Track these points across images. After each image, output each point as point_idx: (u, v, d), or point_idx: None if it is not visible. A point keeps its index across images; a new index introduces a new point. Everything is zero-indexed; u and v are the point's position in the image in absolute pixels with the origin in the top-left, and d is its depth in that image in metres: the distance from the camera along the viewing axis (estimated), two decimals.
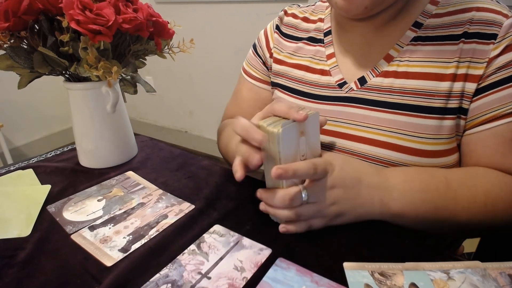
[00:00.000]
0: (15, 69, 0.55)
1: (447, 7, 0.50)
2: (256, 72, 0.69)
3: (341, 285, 0.36)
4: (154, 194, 0.55)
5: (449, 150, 0.49)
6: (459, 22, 0.48)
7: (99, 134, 0.62)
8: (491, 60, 0.46)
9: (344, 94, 0.55)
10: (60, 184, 0.58)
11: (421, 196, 0.44)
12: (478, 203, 0.44)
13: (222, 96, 2.07)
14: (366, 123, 0.52)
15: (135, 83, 0.67)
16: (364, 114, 0.52)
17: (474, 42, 0.47)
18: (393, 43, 0.52)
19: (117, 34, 0.56)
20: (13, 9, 0.49)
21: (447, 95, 0.48)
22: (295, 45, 0.63)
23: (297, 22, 0.64)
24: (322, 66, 0.58)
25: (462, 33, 0.48)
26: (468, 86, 0.47)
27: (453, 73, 0.47)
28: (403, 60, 0.51)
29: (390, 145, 0.50)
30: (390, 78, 0.51)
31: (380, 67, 0.52)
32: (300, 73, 0.61)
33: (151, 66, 1.43)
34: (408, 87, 0.50)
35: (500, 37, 0.45)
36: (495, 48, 0.45)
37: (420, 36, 0.50)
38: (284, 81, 0.63)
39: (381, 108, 0.51)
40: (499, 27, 0.46)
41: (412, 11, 0.52)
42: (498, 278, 0.36)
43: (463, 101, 0.48)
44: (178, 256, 0.41)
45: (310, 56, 0.60)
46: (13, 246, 0.44)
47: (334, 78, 0.56)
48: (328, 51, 0.59)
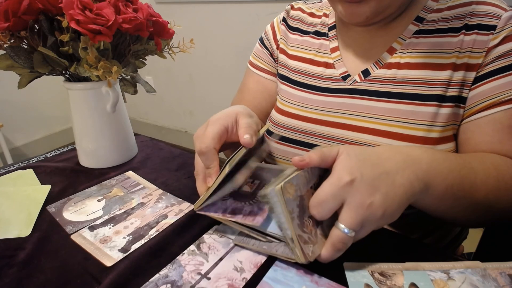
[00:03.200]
0: (15, 69, 0.55)
1: (447, 2, 0.52)
2: (263, 63, 0.69)
3: (341, 285, 0.36)
4: (154, 194, 0.55)
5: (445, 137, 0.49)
6: (459, 16, 0.50)
7: (99, 134, 0.62)
8: (490, 49, 0.47)
9: (347, 86, 0.55)
10: (60, 184, 0.58)
11: (446, 164, 0.41)
12: (491, 178, 0.43)
13: (222, 96, 2.07)
14: (369, 114, 0.53)
15: (135, 83, 0.67)
16: (367, 104, 0.53)
17: (475, 33, 0.48)
18: (396, 37, 0.53)
19: (117, 34, 0.56)
20: (13, 9, 0.49)
21: (447, 83, 0.49)
22: (301, 38, 0.64)
23: (304, 16, 0.65)
24: (326, 59, 0.59)
25: (463, 26, 0.49)
26: (468, 75, 0.48)
27: (453, 62, 0.49)
28: (405, 52, 0.52)
29: (392, 134, 0.50)
30: (393, 69, 0.52)
31: (384, 59, 0.53)
32: (304, 66, 0.61)
33: (151, 66, 1.43)
34: (410, 77, 0.51)
35: (499, 28, 0.47)
36: (494, 38, 0.47)
37: (422, 30, 0.52)
38: (289, 73, 0.63)
39: (384, 98, 0.52)
40: (498, 19, 0.47)
41: (413, 7, 0.53)
42: (498, 278, 0.36)
43: (463, 90, 0.49)
44: (177, 257, 0.41)
45: (315, 50, 0.61)
46: (13, 246, 0.44)
47: (338, 71, 0.57)
48: (332, 44, 0.60)
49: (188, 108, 2.32)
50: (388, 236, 0.44)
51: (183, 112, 2.36)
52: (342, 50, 0.59)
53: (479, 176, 0.43)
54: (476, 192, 0.42)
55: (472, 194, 0.42)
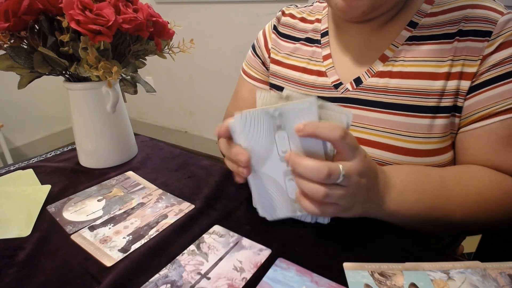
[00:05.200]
0: (15, 69, 0.55)
1: (442, 6, 0.50)
2: (255, 72, 0.69)
3: (341, 285, 0.36)
4: (154, 194, 0.55)
5: (442, 149, 0.49)
6: (454, 20, 0.48)
7: (99, 134, 0.62)
8: (485, 57, 0.46)
9: (339, 95, 0.55)
10: (60, 184, 0.58)
11: (415, 196, 0.44)
12: (470, 203, 0.44)
13: (222, 96, 2.07)
14: (361, 123, 0.52)
15: (135, 83, 0.67)
16: (359, 114, 0.52)
17: (469, 40, 0.47)
18: (389, 43, 0.52)
19: (117, 34, 0.56)
20: (13, 9, 0.49)
21: (441, 93, 0.48)
22: (292, 46, 0.63)
23: (295, 22, 0.64)
24: (318, 67, 0.59)
25: (457, 31, 0.48)
26: (462, 84, 0.47)
27: (447, 71, 0.47)
28: (398, 60, 0.51)
29: (384, 145, 0.50)
30: (385, 78, 0.51)
31: (375, 67, 0.52)
32: (297, 75, 0.61)
33: (151, 66, 1.43)
34: (403, 87, 0.50)
35: (494, 34, 0.45)
36: (489, 45, 0.45)
37: (415, 36, 0.51)
38: (282, 82, 0.63)
39: (376, 108, 0.51)
40: (493, 24, 0.45)
41: (407, 10, 0.52)
42: (498, 278, 0.36)
43: (458, 99, 0.48)
44: (177, 257, 0.41)
45: (308, 58, 0.60)
46: (13, 246, 0.44)
47: (330, 79, 0.57)
48: (324, 52, 0.59)
49: (188, 108, 2.32)
50: (388, 236, 0.44)
51: (183, 112, 2.36)
52: (335, 56, 0.58)
53: (454, 203, 0.44)
54: (450, 216, 0.44)
55: (445, 218, 0.44)
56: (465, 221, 0.45)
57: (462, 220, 0.45)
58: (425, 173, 0.46)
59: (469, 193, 0.45)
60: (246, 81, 0.70)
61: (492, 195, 0.45)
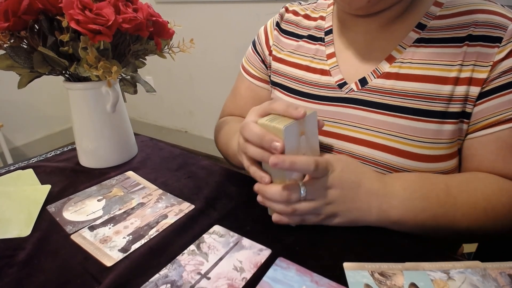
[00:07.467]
0: (15, 69, 0.55)
1: (451, 9, 0.49)
2: (254, 70, 0.69)
3: (341, 285, 0.36)
4: (154, 194, 0.55)
5: (449, 155, 0.48)
6: (463, 24, 0.48)
7: (99, 134, 0.62)
8: (496, 64, 0.45)
9: (344, 95, 0.54)
10: (60, 184, 0.58)
11: (421, 204, 0.44)
12: (478, 210, 0.44)
13: (222, 96, 2.05)
14: (366, 125, 0.51)
15: (135, 83, 0.67)
16: (364, 115, 0.51)
17: (479, 45, 0.46)
18: (396, 44, 0.51)
19: (117, 34, 0.56)
20: (13, 9, 0.49)
21: (449, 98, 0.47)
22: (295, 43, 0.62)
23: (298, 20, 0.64)
24: (322, 66, 0.58)
25: (467, 36, 0.47)
26: (472, 90, 0.46)
27: (455, 76, 0.47)
28: (405, 62, 0.50)
29: (388, 148, 0.49)
30: (391, 80, 0.50)
31: (382, 68, 0.51)
32: (300, 73, 0.60)
33: (151, 66, 1.43)
34: (409, 89, 0.49)
35: (505, 40, 0.44)
36: (500, 51, 0.45)
37: (423, 38, 0.50)
38: (284, 80, 0.62)
39: (382, 110, 0.50)
40: (504, 30, 0.45)
41: (415, 12, 0.51)
42: (498, 278, 0.36)
43: (467, 105, 0.47)
44: (177, 256, 0.41)
45: (311, 56, 0.59)
46: (13, 246, 0.44)
47: (334, 78, 0.56)
48: (328, 50, 0.58)
49: (188, 108, 2.32)
50: (388, 236, 0.44)
51: (183, 112, 2.36)
52: (339, 55, 0.57)
53: (460, 211, 0.44)
54: (456, 224, 0.44)
55: (451, 226, 0.45)
56: (471, 228, 0.44)
57: (468, 228, 0.44)
58: (430, 180, 0.46)
59: (477, 200, 0.44)
60: (245, 78, 0.70)
61: (501, 202, 0.44)
